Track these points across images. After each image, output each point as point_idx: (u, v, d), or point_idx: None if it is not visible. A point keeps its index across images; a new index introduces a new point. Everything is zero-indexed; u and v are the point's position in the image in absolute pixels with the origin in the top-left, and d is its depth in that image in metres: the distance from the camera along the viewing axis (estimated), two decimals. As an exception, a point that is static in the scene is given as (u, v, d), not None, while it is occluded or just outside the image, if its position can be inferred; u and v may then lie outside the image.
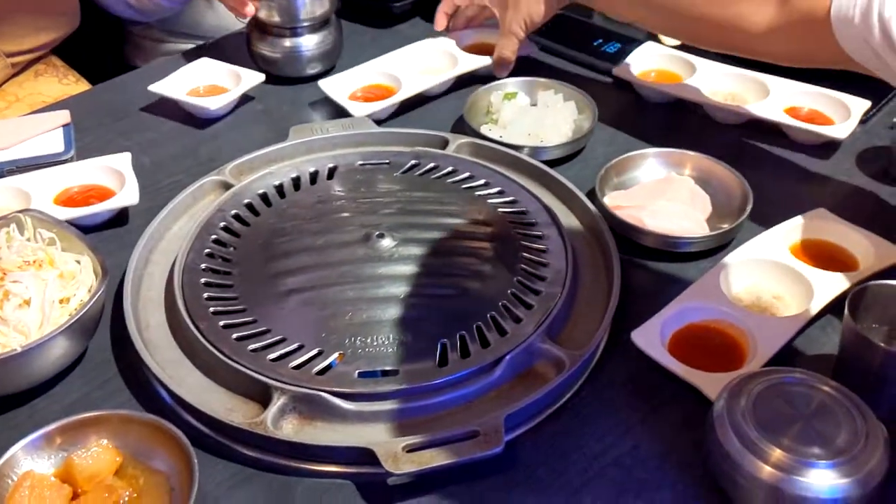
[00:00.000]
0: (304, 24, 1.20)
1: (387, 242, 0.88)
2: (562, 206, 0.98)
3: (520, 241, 0.90)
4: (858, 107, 1.09)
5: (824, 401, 0.68)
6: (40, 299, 0.79)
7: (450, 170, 1.00)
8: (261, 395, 0.76)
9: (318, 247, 0.89)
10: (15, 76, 1.40)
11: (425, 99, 1.19)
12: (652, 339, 0.80)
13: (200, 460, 0.68)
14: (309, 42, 1.21)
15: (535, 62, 1.27)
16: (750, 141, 1.10)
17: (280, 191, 0.98)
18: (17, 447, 0.69)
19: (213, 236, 0.91)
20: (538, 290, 0.84)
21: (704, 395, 0.75)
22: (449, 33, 1.27)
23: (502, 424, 0.71)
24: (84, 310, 0.77)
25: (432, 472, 0.69)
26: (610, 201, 0.96)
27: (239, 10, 1.20)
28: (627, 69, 1.19)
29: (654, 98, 1.18)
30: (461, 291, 0.85)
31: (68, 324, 0.76)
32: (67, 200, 0.98)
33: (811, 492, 0.63)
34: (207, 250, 0.89)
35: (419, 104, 1.18)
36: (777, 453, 0.65)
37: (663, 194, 0.96)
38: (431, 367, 0.77)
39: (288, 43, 1.21)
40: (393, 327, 0.80)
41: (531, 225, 0.92)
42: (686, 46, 1.26)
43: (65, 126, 1.11)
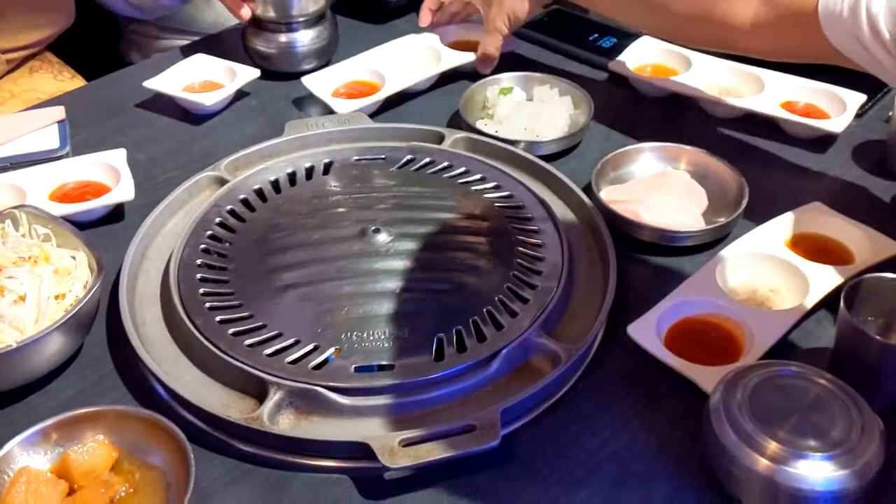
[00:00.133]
0: (299, 20, 1.20)
1: (383, 237, 0.88)
2: (558, 201, 0.98)
3: (516, 236, 0.90)
4: (854, 101, 1.09)
5: (820, 394, 0.68)
6: (36, 295, 0.79)
7: (445, 165, 1.00)
8: (257, 391, 0.76)
9: (313, 242, 0.89)
10: (10, 72, 1.40)
11: (409, 95, 1.18)
12: (648, 332, 0.80)
13: (197, 456, 0.68)
14: (304, 38, 1.21)
15: (530, 57, 1.27)
16: (746, 135, 1.10)
17: (276, 186, 0.98)
18: (13, 443, 0.69)
19: (209, 232, 0.91)
20: (534, 285, 0.84)
21: (701, 389, 0.75)
22: (433, 29, 1.27)
23: (498, 418, 0.71)
24: (79, 305, 0.77)
25: (429, 466, 0.69)
26: (606, 196, 0.96)
27: (235, 12, 1.20)
28: (623, 64, 1.19)
29: (650, 92, 1.18)
30: (457, 286, 0.85)
31: (64, 320, 0.76)
32: (63, 196, 0.98)
33: (807, 484, 0.64)
34: (203, 246, 0.89)
35: (403, 101, 1.18)
36: (773, 446, 0.65)
37: (659, 188, 0.96)
38: (428, 362, 0.77)
39: (283, 38, 1.21)
40: (389, 322, 0.80)
41: (527, 219, 0.92)
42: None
43: (60, 122, 1.10)
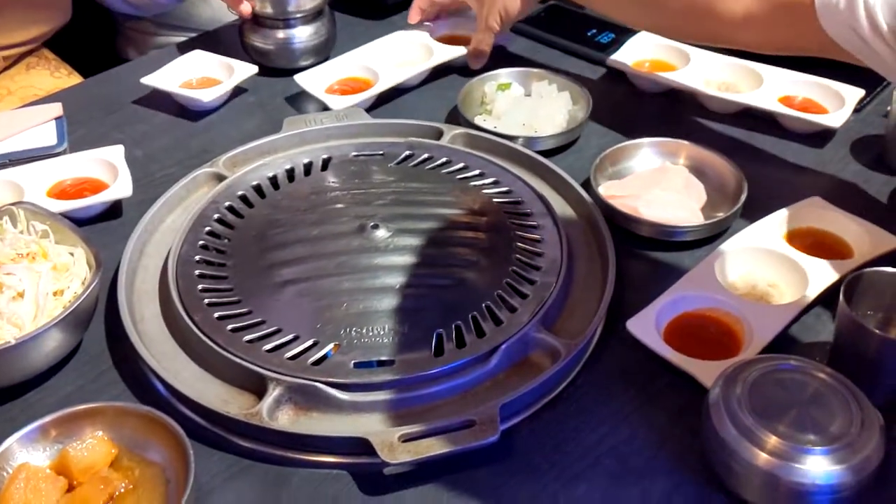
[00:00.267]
0: (297, 16, 1.20)
1: (381, 233, 0.88)
2: (557, 196, 0.98)
3: (515, 231, 0.90)
4: (852, 95, 1.09)
5: (820, 388, 0.68)
6: (34, 291, 0.78)
7: (444, 160, 1.00)
8: (256, 386, 0.76)
9: (312, 238, 0.89)
10: (7, 69, 1.40)
11: (402, 90, 1.18)
12: (647, 327, 0.80)
13: (196, 452, 0.68)
14: (302, 34, 1.21)
15: (528, 53, 1.27)
16: (744, 130, 1.10)
17: (274, 182, 0.98)
18: (12, 440, 0.69)
19: (207, 228, 0.91)
20: (533, 280, 0.84)
21: (700, 383, 0.75)
22: (422, 25, 1.26)
23: (498, 414, 0.71)
24: (78, 302, 0.77)
25: (428, 461, 0.69)
26: (605, 191, 0.96)
27: (235, 7, 1.20)
28: (621, 59, 1.19)
29: (648, 88, 1.18)
30: (456, 281, 0.85)
31: (62, 316, 0.76)
32: (60, 193, 0.98)
33: (807, 478, 0.64)
34: (202, 242, 0.89)
35: (397, 96, 1.17)
36: (773, 440, 0.65)
37: (658, 184, 0.96)
38: (427, 357, 0.77)
39: (281, 35, 1.21)
40: (388, 317, 0.80)
41: (526, 215, 0.92)
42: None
43: (57, 119, 1.10)
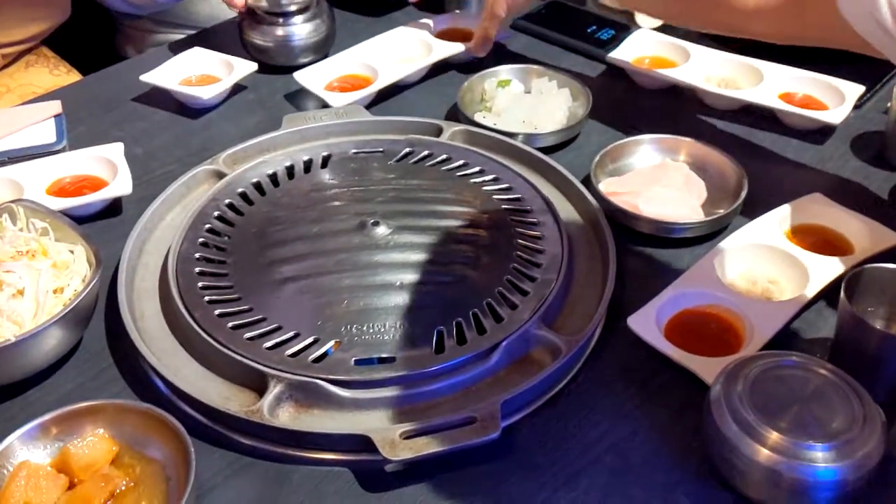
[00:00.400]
0: (291, 11, 1.20)
1: (382, 230, 0.88)
2: (557, 193, 0.97)
3: (515, 228, 0.90)
4: (852, 92, 1.09)
5: (821, 384, 0.68)
6: (34, 289, 0.78)
7: (444, 157, 1.00)
8: (257, 384, 0.76)
9: (312, 235, 0.89)
10: (6, 67, 1.39)
11: (402, 87, 1.18)
12: (648, 324, 0.79)
13: (197, 449, 0.67)
14: (301, 31, 1.21)
15: (528, 49, 1.27)
16: (744, 126, 1.10)
17: (274, 180, 0.97)
18: (13, 437, 0.68)
19: (207, 226, 0.91)
20: (534, 277, 0.84)
21: (701, 380, 0.75)
22: (422, 22, 1.26)
23: (499, 411, 0.71)
24: (78, 299, 0.77)
25: (429, 458, 0.69)
26: (605, 188, 0.96)
27: (228, 1, 1.20)
28: (621, 56, 1.19)
29: (648, 84, 1.17)
30: (457, 278, 0.85)
31: (62, 314, 0.76)
32: (60, 191, 0.98)
33: (809, 475, 0.64)
34: (201, 240, 0.89)
35: (396, 93, 1.17)
36: (774, 436, 0.65)
37: (658, 180, 0.96)
38: (428, 354, 0.77)
39: (280, 32, 1.21)
40: (389, 315, 0.80)
41: (526, 212, 0.92)
42: (680, 33, 1.25)
43: (56, 116, 1.10)
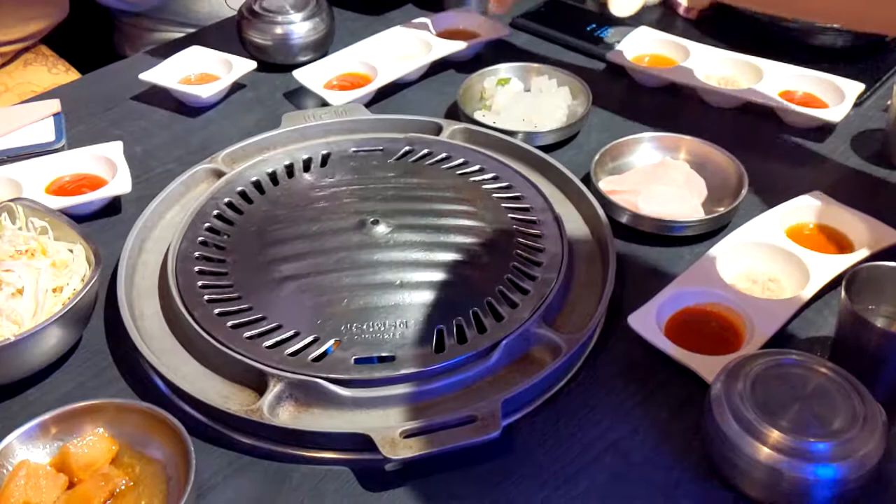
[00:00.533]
0: (293, 10, 1.20)
1: (381, 229, 0.88)
2: (557, 192, 0.97)
3: (515, 227, 0.90)
4: (852, 90, 1.09)
5: (822, 382, 0.68)
6: (33, 288, 0.78)
7: (444, 156, 1.00)
8: (257, 383, 0.76)
9: (312, 234, 0.88)
10: (4, 66, 1.39)
11: (401, 86, 1.18)
12: (648, 323, 0.79)
13: (197, 448, 0.67)
14: (300, 29, 1.21)
15: (528, 48, 1.27)
16: (745, 124, 1.10)
17: (273, 178, 0.97)
18: (12, 437, 0.68)
19: (207, 224, 0.90)
20: (534, 276, 0.84)
21: (701, 378, 0.74)
22: (421, 21, 1.25)
23: (499, 409, 0.71)
24: (77, 298, 0.77)
25: (430, 457, 0.69)
26: (605, 186, 0.96)
27: None
28: (621, 54, 1.19)
29: (648, 82, 1.17)
30: (457, 277, 0.85)
31: (62, 313, 0.76)
32: (59, 190, 0.97)
33: (809, 473, 0.64)
34: (201, 238, 0.89)
35: (396, 91, 1.17)
36: (775, 435, 0.65)
37: (658, 179, 0.96)
38: (428, 353, 0.77)
39: (279, 30, 1.20)
40: (389, 313, 0.80)
41: (526, 210, 0.92)
42: (679, 31, 1.26)
43: (55, 115, 1.10)
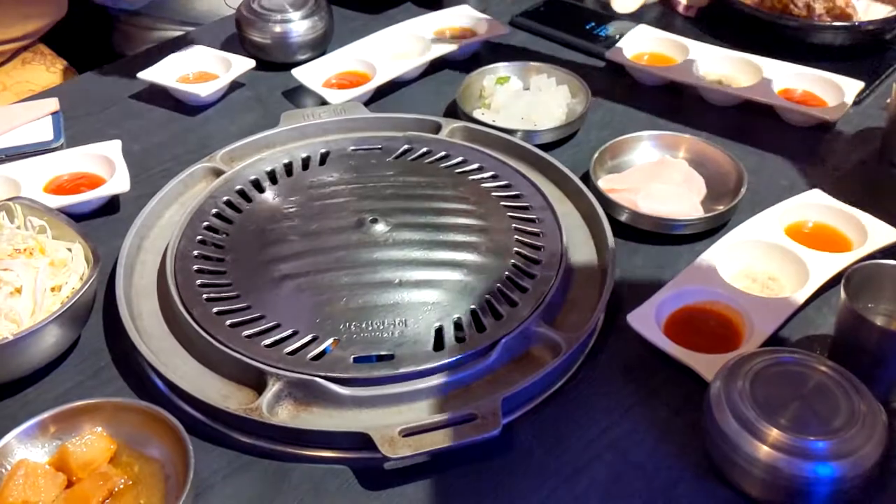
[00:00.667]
0: (292, 9, 1.20)
1: (380, 227, 0.88)
2: (556, 190, 0.97)
3: (514, 225, 0.90)
4: (851, 88, 1.09)
5: (821, 381, 0.68)
6: (31, 287, 0.78)
7: (443, 154, 1.00)
8: (255, 382, 0.75)
9: (311, 232, 0.88)
10: (2, 64, 1.39)
11: (400, 84, 1.18)
12: (648, 321, 0.79)
13: (195, 447, 0.67)
14: (299, 28, 1.21)
15: (527, 46, 1.27)
16: (744, 123, 1.10)
17: (272, 177, 0.97)
18: (11, 436, 0.68)
19: (205, 223, 0.90)
20: (533, 274, 0.84)
21: (701, 377, 0.74)
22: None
23: (499, 408, 0.71)
24: (76, 297, 0.77)
25: (429, 455, 0.69)
26: (604, 184, 0.96)
27: None
28: (620, 52, 1.19)
29: (647, 81, 1.17)
30: (456, 276, 0.84)
31: (60, 311, 0.76)
32: (57, 188, 0.97)
33: (809, 471, 0.63)
34: (200, 237, 0.89)
35: (394, 90, 1.17)
36: (774, 433, 0.65)
37: (658, 177, 0.96)
38: (427, 352, 0.76)
39: (278, 29, 1.20)
40: (388, 312, 0.80)
41: (525, 209, 0.92)
42: (679, 29, 1.25)
43: (54, 114, 1.10)
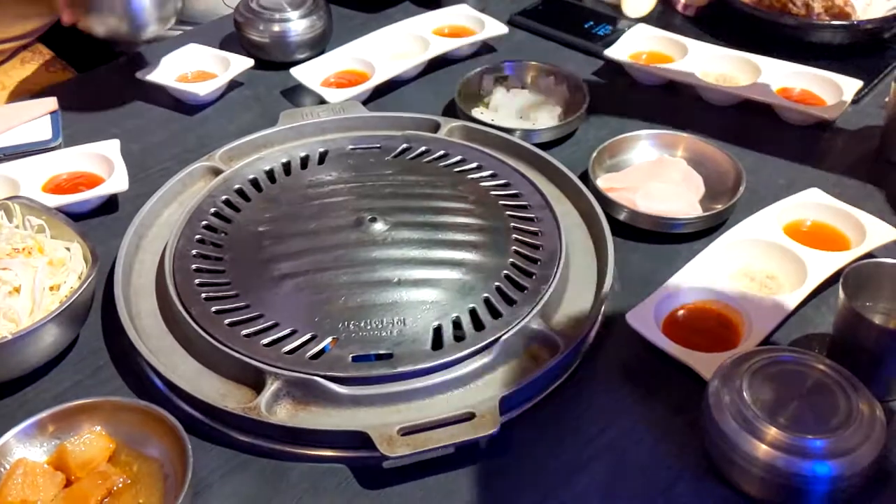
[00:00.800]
0: (291, 8, 1.20)
1: (379, 226, 0.88)
2: (554, 189, 0.97)
3: (512, 224, 0.90)
4: (850, 87, 1.09)
5: (820, 379, 0.68)
6: (30, 286, 0.78)
7: (441, 153, 1.00)
8: (254, 381, 0.76)
9: (309, 231, 0.88)
10: (1, 64, 1.39)
11: (399, 83, 1.18)
12: (646, 320, 0.79)
13: (194, 447, 0.67)
14: (298, 27, 1.21)
15: (526, 45, 1.27)
16: (742, 122, 1.10)
17: (271, 176, 0.97)
18: (10, 435, 0.68)
19: (204, 222, 0.90)
20: (532, 273, 0.84)
21: (699, 376, 0.74)
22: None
23: (498, 407, 0.71)
24: (75, 296, 0.77)
25: (427, 454, 0.69)
26: (603, 183, 0.96)
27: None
28: (619, 51, 1.19)
29: (645, 80, 1.17)
30: (454, 274, 0.84)
31: (59, 311, 0.76)
32: (56, 188, 0.97)
33: (808, 470, 0.64)
34: (198, 236, 0.89)
35: (393, 89, 1.17)
36: (773, 432, 0.65)
37: (656, 176, 0.96)
38: (426, 351, 0.76)
39: (277, 28, 1.20)
40: (386, 311, 0.80)
41: (524, 207, 0.92)
42: (677, 28, 1.25)
43: (52, 113, 1.10)
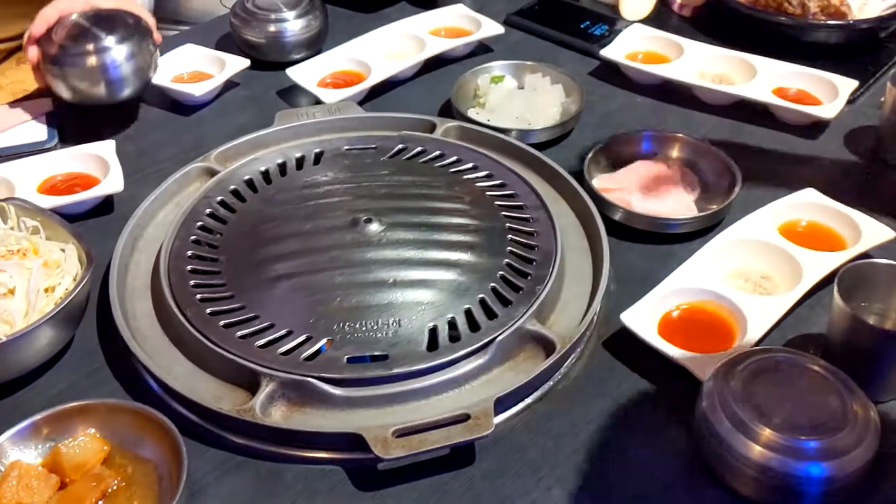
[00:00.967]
0: (287, 8, 1.20)
1: (375, 227, 0.88)
2: (550, 189, 0.97)
3: (508, 225, 0.90)
4: (846, 87, 1.09)
5: (814, 380, 0.68)
6: (25, 288, 0.78)
7: (437, 154, 1.00)
8: (249, 382, 0.75)
9: (305, 232, 0.88)
10: (-3, 64, 1.39)
11: (394, 83, 1.18)
12: (641, 320, 0.79)
13: (189, 448, 0.67)
14: (294, 27, 1.21)
15: (521, 45, 1.27)
16: (738, 122, 1.10)
17: (266, 177, 0.97)
18: (4, 437, 0.68)
19: (199, 223, 0.90)
20: (527, 273, 0.84)
21: (694, 376, 0.74)
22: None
23: (492, 408, 0.71)
24: (69, 298, 0.77)
25: (423, 456, 0.69)
26: (598, 184, 0.96)
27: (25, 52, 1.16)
28: (615, 51, 1.19)
29: (641, 80, 1.17)
30: (450, 275, 0.84)
31: (54, 312, 0.76)
32: (51, 189, 0.97)
33: (801, 471, 0.64)
34: (193, 237, 0.89)
35: (389, 89, 1.17)
36: (767, 433, 0.65)
37: (651, 176, 0.96)
38: (421, 352, 0.76)
39: (273, 28, 1.20)
40: (382, 312, 0.80)
41: (519, 208, 0.92)
42: (673, 28, 1.25)
43: (48, 114, 1.10)
